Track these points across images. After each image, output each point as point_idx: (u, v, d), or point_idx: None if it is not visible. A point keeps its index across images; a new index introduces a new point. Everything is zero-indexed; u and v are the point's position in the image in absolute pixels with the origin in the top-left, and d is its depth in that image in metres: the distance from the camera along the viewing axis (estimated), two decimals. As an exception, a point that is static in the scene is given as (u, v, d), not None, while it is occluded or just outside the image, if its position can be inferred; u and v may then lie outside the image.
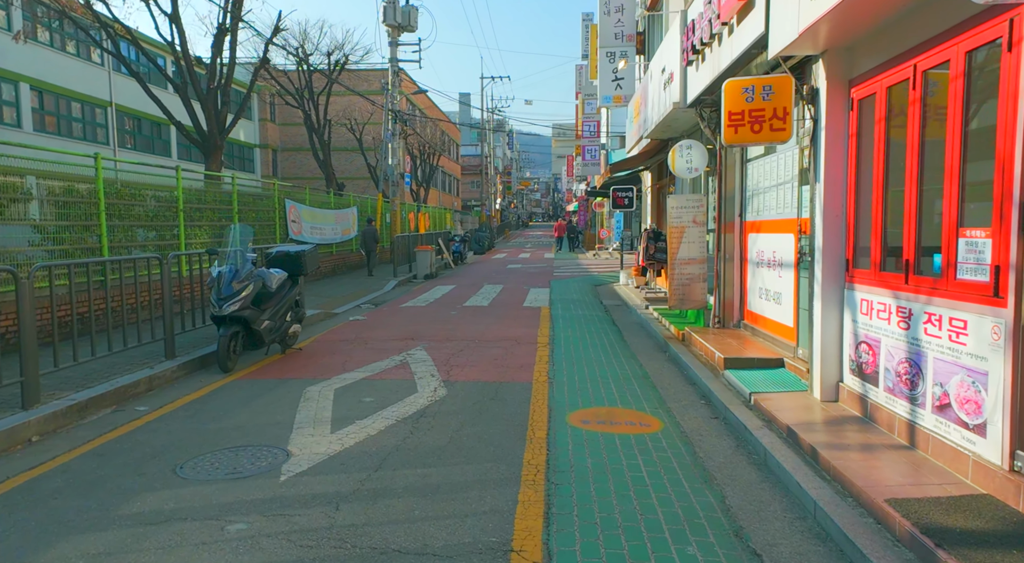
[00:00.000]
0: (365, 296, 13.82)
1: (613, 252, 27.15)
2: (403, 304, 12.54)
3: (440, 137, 45.37)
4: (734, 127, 5.34)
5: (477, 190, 64.21)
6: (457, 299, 13.26)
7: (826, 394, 5.11)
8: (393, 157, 22.53)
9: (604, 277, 17.91)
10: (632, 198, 14.85)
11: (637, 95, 12.38)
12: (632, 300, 12.52)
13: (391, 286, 15.72)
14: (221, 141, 14.52)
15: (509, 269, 21.47)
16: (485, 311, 11.47)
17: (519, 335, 9.06)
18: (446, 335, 9.06)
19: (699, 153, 8.29)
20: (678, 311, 9.56)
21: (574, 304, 12.49)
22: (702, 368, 6.77)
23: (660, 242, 12.58)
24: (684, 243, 8.48)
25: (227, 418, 5.30)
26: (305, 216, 15.84)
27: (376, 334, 9.17)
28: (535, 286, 15.72)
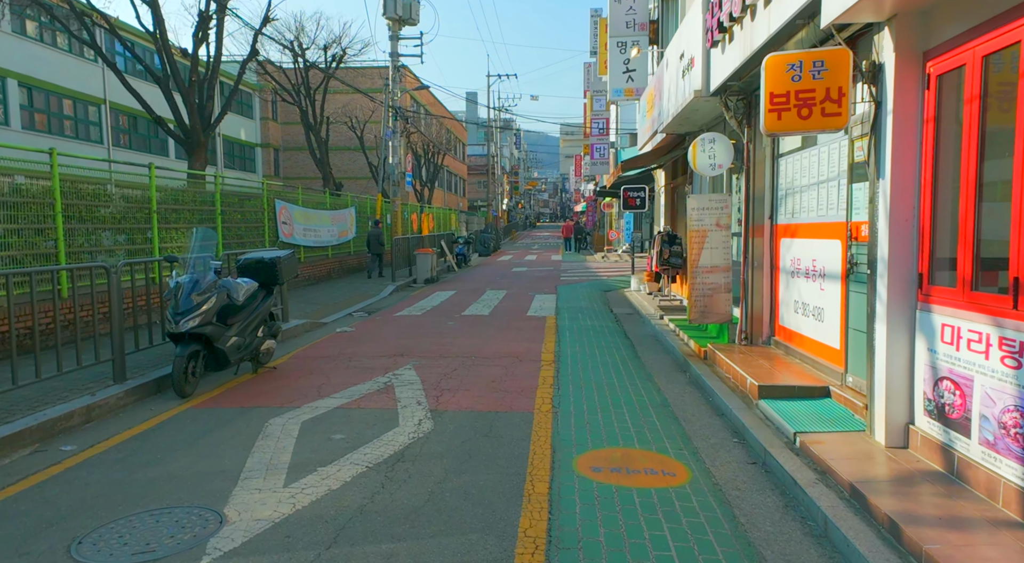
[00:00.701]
0: (359, 303, 12.95)
1: (623, 254, 26.20)
2: (398, 313, 11.65)
3: (445, 136, 44.53)
4: (777, 112, 4.40)
5: (483, 190, 63.33)
6: (456, 307, 12.36)
7: (892, 438, 4.16)
8: (394, 156, 21.66)
9: (614, 282, 16.96)
10: (644, 198, 13.91)
11: (651, 87, 11.44)
12: (645, 308, 11.58)
13: (388, 292, 14.84)
14: (205, 137, 13.68)
15: (514, 273, 20.56)
16: (485, 321, 10.56)
17: (521, 350, 8.14)
18: (440, 350, 8.15)
19: (723, 147, 7.36)
20: (698, 324, 8.63)
21: (582, 313, 11.56)
22: (731, 395, 5.84)
23: (675, 246, 11.64)
24: (706, 249, 7.54)
25: (164, 462, 4.41)
26: (298, 217, 14.99)
27: (363, 349, 8.28)
28: (540, 292, 14.81)
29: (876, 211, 4.25)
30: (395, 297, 14.28)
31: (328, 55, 19.74)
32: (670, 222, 13.06)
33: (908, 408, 4.13)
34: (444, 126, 42.81)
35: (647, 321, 10.44)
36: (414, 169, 36.35)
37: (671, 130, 9.93)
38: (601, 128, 26.94)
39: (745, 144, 7.20)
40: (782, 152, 6.87)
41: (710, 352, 7.15)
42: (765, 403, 5.32)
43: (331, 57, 19.87)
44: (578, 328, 9.90)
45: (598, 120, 26.96)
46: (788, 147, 6.72)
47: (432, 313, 11.54)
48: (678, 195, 13.08)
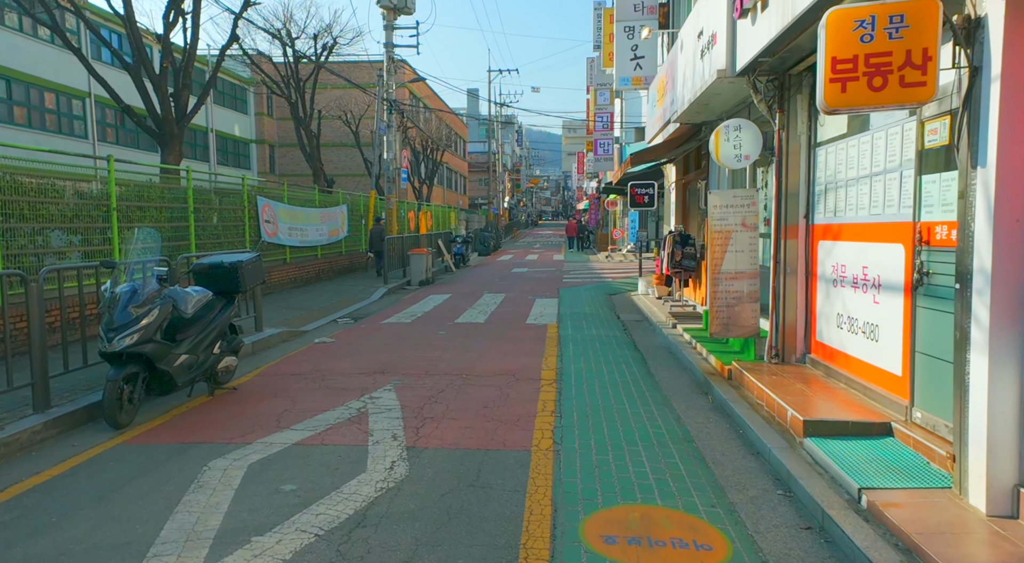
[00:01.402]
0: (346, 308, 12.03)
1: (627, 254, 25.24)
2: (386, 319, 10.71)
3: (445, 132, 43.58)
4: (841, 82, 3.45)
5: (485, 188, 62.33)
6: (450, 313, 11.41)
7: (996, 504, 3.21)
8: (389, 151, 20.71)
9: (619, 285, 16.00)
10: (653, 195, 12.94)
11: (661, 74, 10.49)
12: (655, 315, 10.63)
13: (378, 295, 13.91)
14: (180, 129, 12.71)
15: (514, 273, 19.61)
16: (480, 330, 9.61)
17: (518, 367, 7.20)
18: (427, 367, 7.21)
19: (751, 136, 6.40)
20: (717, 335, 7.69)
21: (587, 320, 10.61)
22: (766, 429, 4.89)
23: (688, 247, 10.69)
24: (730, 252, 6.58)
25: (59, 528, 3.48)
26: (282, 216, 14.05)
27: (339, 365, 7.34)
28: (541, 295, 13.85)
29: (971, 209, 3.30)
30: (385, 301, 13.34)
31: (318, 45, 18.82)
32: (682, 221, 12.10)
33: (1017, 467, 3.18)
34: (444, 122, 41.85)
35: (658, 330, 9.48)
36: (412, 166, 35.43)
37: (686, 120, 8.97)
38: (605, 123, 25.96)
39: (776, 132, 6.25)
40: (821, 140, 5.92)
41: (736, 371, 6.20)
42: (812, 442, 4.37)
43: (321, 47, 18.94)
44: (582, 339, 8.95)
45: (602, 114, 25.97)
46: (829, 134, 5.77)
47: (423, 320, 10.60)
48: (690, 192, 12.12)
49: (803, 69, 5.95)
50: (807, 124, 6.10)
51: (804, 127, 6.10)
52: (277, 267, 13.95)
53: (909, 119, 4.42)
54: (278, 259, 14.26)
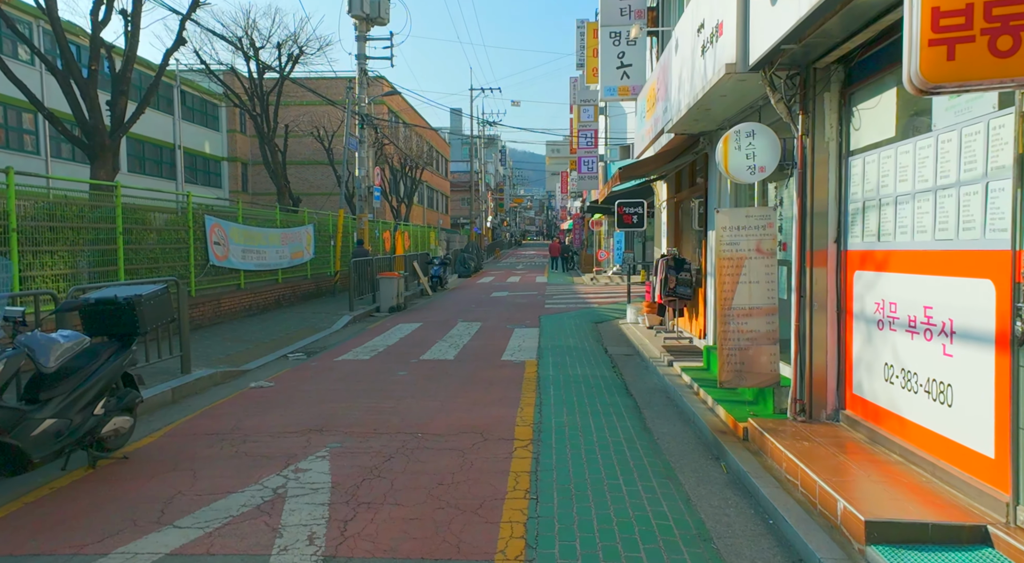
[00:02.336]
0: (302, 340, 10.72)
1: (613, 276, 24.15)
2: (342, 355, 9.41)
3: (425, 150, 42.52)
4: (947, 44, 2.31)
5: (467, 207, 61.29)
6: (416, 347, 10.14)
7: None
8: (361, 168, 19.54)
9: (606, 311, 14.83)
10: (642, 215, 11.86)
11: (651, 82, 9.44)
12: (647, 349, 9.45)
13: (341, 324, 12.61)
14: (113, 141, 11.38)
15: (493, 298, 18.39)
16: (448, 370, 8.35)
17: (488, 421, 5.95)
18: (376, 422, 5.94)
19: (767, 143, 5.28)
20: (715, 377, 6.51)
21: (571, 355, 9.40)
22: (807, 523, 3.68)
23: (683, 273, 9.57)
24: (743, 283, 5.43)
25: None
26: (235, 237, 12.75)
27: (269, 420, 6.04)
28: (521, 324, 12.63)
29: None
30: (348, 331, 12.04)
31: (283, 54, 17.66)
32: (675, 243, 11.00)
33: None
34: (424, 140, 40.82)
35: (652, 368, 8.30)
36: (390, 184, 34.26)
37: (681, 129, 7.88)
38: (589, 140, 25.02)
39: (798, 138, 5.13)
40: (857, 148, 4.82)
41: (754, 432, 5.01)
42: (880, 555, 3.17)
43: (286, 58, 17.78)
44: (566, 379, 7.73)
45: (586, 132, 25.04)
46: (868, 139, 4.66)
47: (384, 356, 9.31)
48: (683, 211, 11.04)
49: (832, 61, 4.86)
50: (836, 128, 5.00)
51: (833, 132, 4.99)
52: (228, 294, 12.61)
53: (999, 113, 3.31)
54: (231, 285, 12.93)
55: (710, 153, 8.11)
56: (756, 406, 5.79)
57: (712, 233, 8.07)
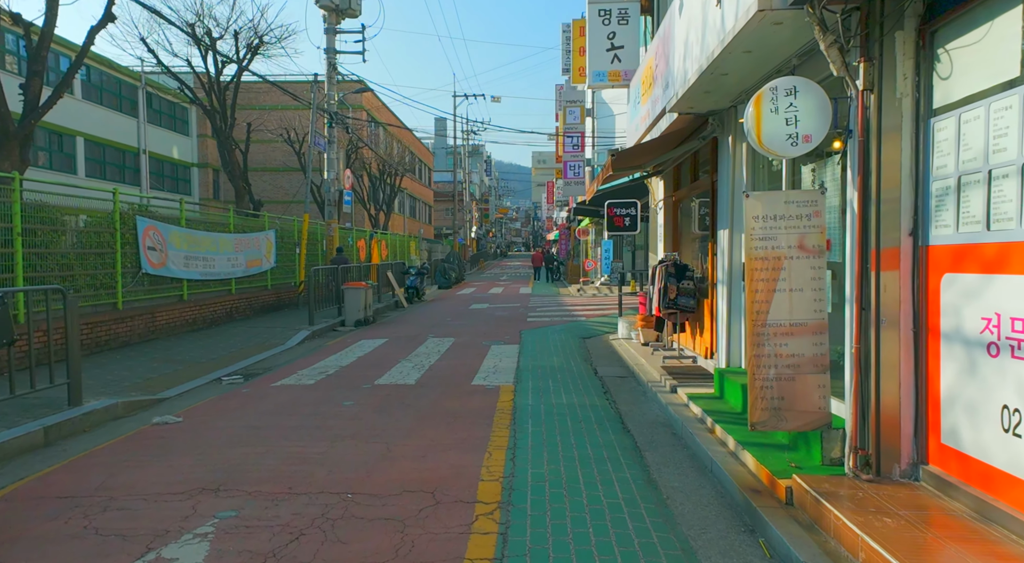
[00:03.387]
0: (244, 360, 9.24)
1: (601, 287, 22.82)
2: (282, 379, 7.93)
3: (408, 158, 41.13)
4: None
5: (451, 218, 59.94)
6: (374, 367, 8.69)
7: None
8: (330, 170, 18.12)
9: (594, 325, 13.46)
10: (635, 217, 10.54)
11: (649, 58, 8.15)
12: (644, 370, 8.08)
13: (296, 341, 11.12)
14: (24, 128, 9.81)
15: (472, 310, 16.96)
16: (404, 398, 6.91)
17: (444, 474, 4.52)
18: (294, 476, 4.49)
19: (815, 103, 3.95)
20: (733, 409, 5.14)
21: (555, 378, 8.00)
22: None
23: (686, 281, 8.24)
24: (782, 292, 4.07)
25: None
26: (176, 242, 11.25)
27: (153, 473, 4.57)
28: (500, 340, 11.22)
29: None
30: (302, 349, 10.56)
31: (239, 42, 16.22)
32: (673, 247, 9.67)
33: None
34: (404, 145, 39.44)
35: (651, 394, 6.93)
36: (368, 191, 32.82)
37: (687, 106, 6.56)
38: (576, 143, 23.78)
39: (858, 96, 3.81)
40: (945, 104, 3.50)
41: (804, 496, 3.63)
42: None
43: (245, 47, 16.34)
44: (548, 410, 6.33)
45: (572, 134, 23.79)
46: (967, 88, 3.35)
47: (332, 380, 7.84)
48: (683, 212, 9.73)
49: (907, -12, 3.56)
50: (912, 81, 3.68)
51: (908, 85, 3.67)
52: (167, 306, 11.09)
53: None
54: (171, 296, 11.41)
55: (721, 138, 6.80)
56: (796, 452, 4.42)
57: (723, 233, 6.74)
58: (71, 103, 25.04)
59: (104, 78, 27.13)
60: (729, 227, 6.59)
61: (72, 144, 25.34)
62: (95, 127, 26.30)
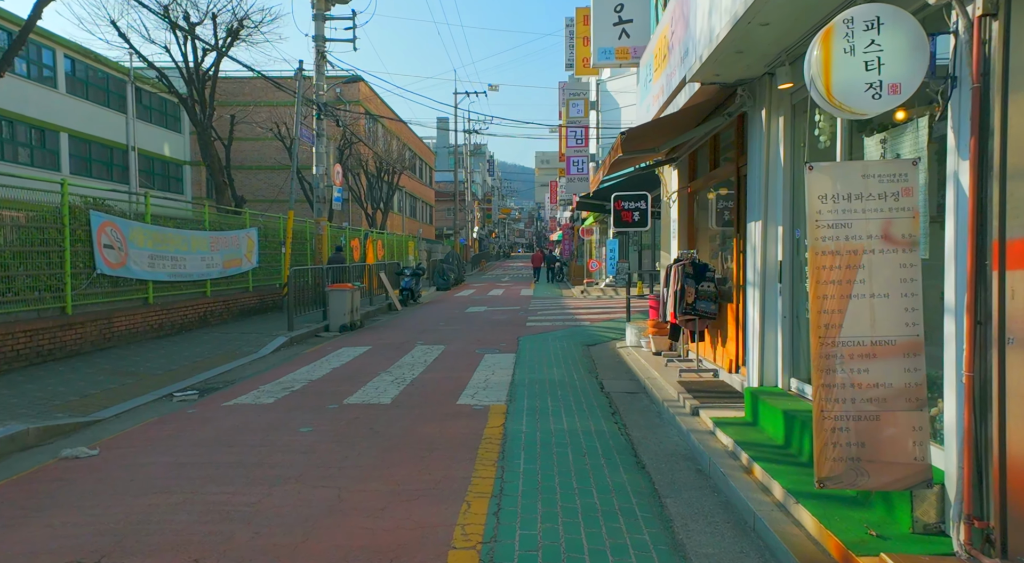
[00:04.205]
0: (206, 371, 8.22)
1: (606, 288, 21.72)
2: (238, 397, 6.85)
3: (408, 156, 40.07)
4: None
5: (453, 218, 58.93)
6: (348, 381, 7.63)
7: None
8: (319, 165, 17.08)
9: (600, 331, 12.37)
10: (645, 211, 9.46)
11: (663, 26, 7.07)
12: (657, 384, 6.99)
13: (270, 348, 10.07)
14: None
15: (468, 313, 15.89)
16: (374, 421, 5.83)
17: (403, 540, 3.43)
18: (205, 541, 3.41)
19: (905, 40, 2.88)
20: (772, 440, 4.06)
21: (554, 394, 6.91)
22: None
23: (705, 282, 7.17)
24: (859, 297, 2.99)
25: None
26: (138, 239, 10.21)
27: (16, 539, 3.50)
28: (494, 348, 10.13)
29: None
30: (275, 358, 9.50)
31: (218, 24, 15.16)
32: (689, 245, 8.60)
33: None
34: (402, 142, 38.38)
35: (667, 416, 5.85)
36: (365, 190, 31.78)
37: (710, 74, 5.47)
38: (580, 138, 22.70)
39: (972, 25, 2.73)
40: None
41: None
42: None
43: (225, 30, 15.29)
44: (545, 438, 5.25)
45: (575, 128, 22.71)
46: None
47: (295, 398, 6.76)
48: (699, 205, 8.65)
49: None
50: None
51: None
52: (128, 311, 10.06)
53: None
54: (133, 299, 10.37)
55: (751, 112, 5.72)
56: (870, 511, 3.33)
57: (754, 226, 5.66)
58: (54, 97, 24.10)
59: (90, 72, 26.16)
60: (762, 218, 5.51)
61: (56, 140, 24.37)
62: (80, 123, 25.33)
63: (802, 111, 5.20)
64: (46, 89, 23.62)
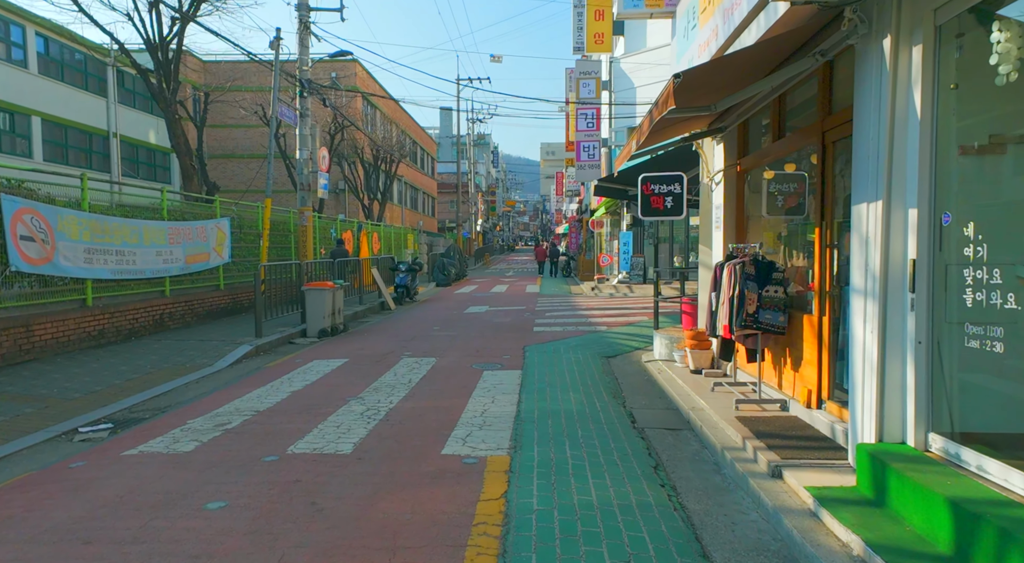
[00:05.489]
0: (141, 392, 6.60)
1: (619, 286, 19.97)
2: (144, 443, 5.13)
3: (409, 145, 38.28)
4: None
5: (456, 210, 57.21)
6: (304, 413, 5.93)
7: None
8: (303, 148, 15.37)
9: (619, 338, 10.64)
10: (680, 196, 7.72)
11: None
12: (706, 418, 5.27)
13: (229, 360, 8.41)
14: None
15: (467, 315, 14.18)
16: (320, 490, 4.12)
17: None
18: None
19: None
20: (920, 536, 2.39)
21: (573, 434, 5.20)
22: None
23: (772, 286, 5.47)
24: None
25: None
26: (71, 230, 8.54)
27: None
28: (494, 363, 8.42)
29: None
30: (231, 372, 7.83)
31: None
32: (737, 238, 6.87)
33: None
34: (400, 128, 36.57)
35: (734, 475, 4.14)
36: (363, 180, 30.07)
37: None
38: (590, 121, 20.88)
39: None
40: None
41: None
42: None
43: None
44: (566, 520, 3.55)
45: (585, 111, 20.87)
46: None
47: (223, 445, 5.06)
48: (752, 187, 6.91)
49: None
50: None
51: None
52: (57, 315, 8.40)
53: None
54: (67, 300, 8.72)
55: (864, 46, 3.96)
56: None
57: (870, 210, 3.93)
58: (24, 77, 22.44)
59: (66, 52, 24.48)
60: (882, 198, 3.78)
61: (27, 124, 22.72)
62: (55, 106, 23.67)
63: (953, 34, 3.47)
64: (15, 69, 21.97)
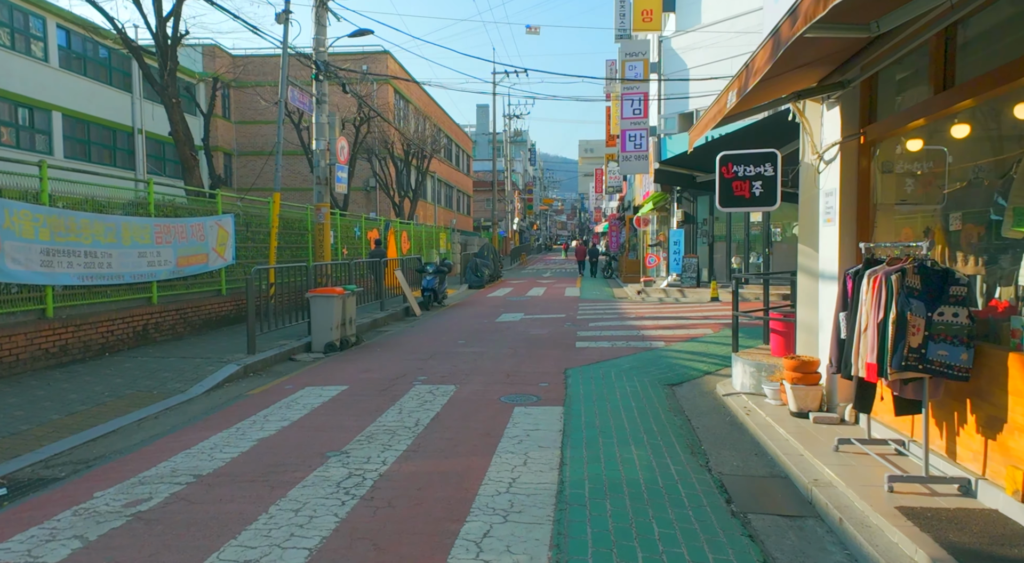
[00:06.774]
0: (77, 433, 5.11)
1: (669, 289, 18.00)
2: (10, 538, 3.60)
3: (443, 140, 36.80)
4: None
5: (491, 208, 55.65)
6: (261, 481, 4.31)
7: None
8: (319, 139, 13.91)
9: (684, 358, 8.77)
10: (772, 180, 5.88)
11: None
12: (849, 511, 3.43)
13: (208, 385, 6.89)
14: None
15: (499, 324, 12.47)
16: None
17: None
18: None
19: None
20: None
21: (645, 531, 3.43)
22: None
23: (950, 305, 3.56)
24: None
25: None
26: (23, 228, 7.13)
27: None
28: (528, 395, 6.68)
29: None
30: (206, 402, 6.29)
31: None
32: (860, 234, 5.00)
33: None
34: (432, 123, 35.10)
35: None
36: (394, 177, 28.73)
37: None
38: (637, 107, 18.97)
39: None
40: None
41: None
42: None
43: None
44: None
45: (631, 96, 18.94)
46: None
47: (116, 542, 3.47)
48: (885, 166, 5.04)
49: None
50: None
51: None
52: (6, 330, 7.01)
53: None
54: (22, 311, 7.34)
55: None
56: None
57: None
58: (45, 71, 21.65)
59: (88, 45, 23.68)
60: None
61: (47, 120, 21.92)
62: (77, 101, 22.87)
63: None
64: (35, 62, 21.19)
